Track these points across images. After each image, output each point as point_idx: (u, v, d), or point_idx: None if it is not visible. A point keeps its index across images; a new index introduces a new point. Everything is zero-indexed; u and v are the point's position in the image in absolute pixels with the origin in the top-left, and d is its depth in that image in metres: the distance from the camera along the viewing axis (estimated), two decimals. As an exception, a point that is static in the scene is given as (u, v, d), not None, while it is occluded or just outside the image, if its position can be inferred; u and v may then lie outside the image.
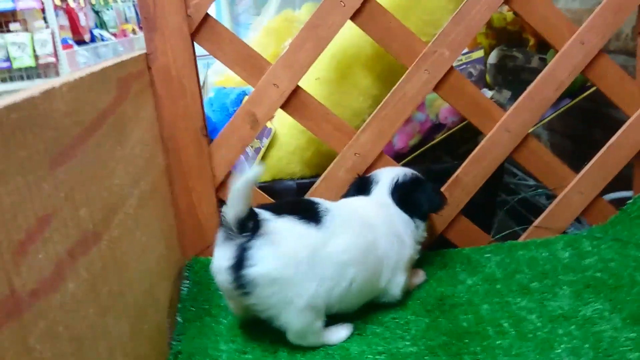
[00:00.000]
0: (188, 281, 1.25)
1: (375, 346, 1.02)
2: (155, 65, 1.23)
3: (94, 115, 0.83)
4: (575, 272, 1.21)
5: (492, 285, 1.19)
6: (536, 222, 1.43)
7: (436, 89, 1.33)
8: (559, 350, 0.96)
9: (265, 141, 1.56)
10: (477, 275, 1.24)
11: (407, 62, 1.31)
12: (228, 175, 1.33)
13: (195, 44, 1.26)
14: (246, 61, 1.28)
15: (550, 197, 1.44)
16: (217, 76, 2.19)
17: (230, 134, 1.31)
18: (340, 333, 1.06)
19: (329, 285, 1.00)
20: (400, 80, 1.31)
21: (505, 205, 1.82)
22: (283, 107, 1.30)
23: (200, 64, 1.31)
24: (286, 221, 1.00)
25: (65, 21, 5.59)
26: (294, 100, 1.30)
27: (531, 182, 2.11)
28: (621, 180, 1.43)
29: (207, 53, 1.29)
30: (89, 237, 0.72)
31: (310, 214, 1.03)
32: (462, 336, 1.03)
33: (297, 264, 0.97)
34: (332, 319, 1.06)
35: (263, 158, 1.57)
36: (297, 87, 1.30)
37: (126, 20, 7.38)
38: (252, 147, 1.60)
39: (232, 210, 0.94)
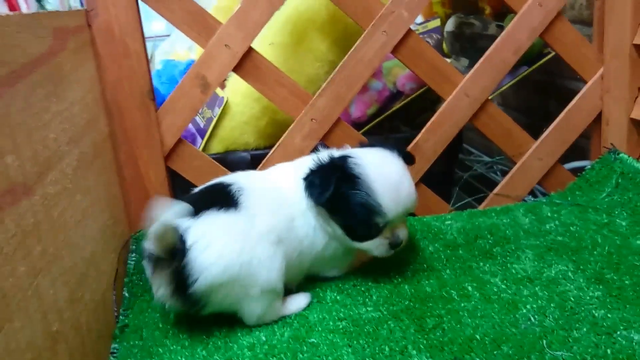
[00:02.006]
0: (134, 254, 1.17)
1: (335, 313, 0.97)
2: (96, 23, 1.15)
3: (24, 60, 0.75)
4: (536, 236, 1.19)
5: (453, 251, 1.16)
6: (496, 189, 1.41)
7: (394, 51, 1.28)
8: (524, 311, 0.93)
9: (218, 110, 1.49)
10: (438, 242, 1.21)
11: (364, 24, 1.26)
12: (178, 142, 1.26)
13: (139, 2, 1.18)
14: (195, 20, 1.20)
15: (506, 173, 1.42)
16: (165, 56, 2.11)
17: (179, 98, 1.23)
18: (299, 302, 1.01)
19: (273, 264, 0.94)
20: (357, 42, 1.26)
21: (460, 181, 1.81)
22: (235, 69, 1.24)
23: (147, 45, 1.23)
24: (206, 219, 0.91)
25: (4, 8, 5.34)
26: (246, 63, 1.24)
27: (486, 158, 2.11)
28: (579, 152, 1.43)
29: (155, 35, 1.21)
30: (17, 188, 0.65)
31: (226, 200, 0.94)
32: (426, 300, 0.99)
33: (237, 256, 0.89)
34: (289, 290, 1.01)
35: (215, 128, 1.50)
36: (250, 49, 1.23)
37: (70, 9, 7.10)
38: (204, 117, 1.53)
39: (158, 248, 0.86)
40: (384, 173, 0.96)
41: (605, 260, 1.06)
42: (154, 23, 3.19)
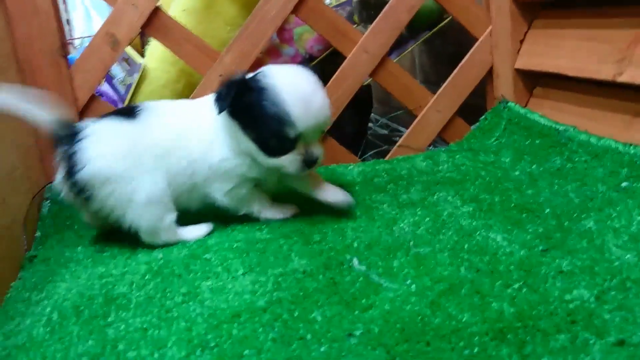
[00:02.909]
0: (49, 201, 1.22)
1: (233, 236, 1.05)
2: (5, -19, 1.21)
3: None
4: (428, 174, 1.29)
5: (350, 188, 1.25)
6: (400, 141, 1.51)
7: (295, 11, 1.37)
8: (402, 225, 1.03)
9: (136, 76, 1.55)
10: (338, 181, 1.30)
11: (265, -16, 1.35)
12: (91, 99, 1.32)
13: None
14: (103, -20, 1.28)
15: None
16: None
17: (91, 55, 1.30)
18: (199, 231, 1.08)
19: (160, 177, 1.00)
20: (259, 2, 1.35)
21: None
22: (144, 27, 1.31)
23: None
24: (104, 122, 1.02)
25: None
26: (154, 21, 1.31)
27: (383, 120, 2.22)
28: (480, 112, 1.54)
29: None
30: None
31: (129, 113, 1.03)
32: (315, 224, 1.07)
33: (122, 157, 0.98)
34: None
35: (135, 94, 1.57)
36: (157, 8, 1.31)
37: None
38: (124, 84, 1.59)
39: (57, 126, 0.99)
40: (294, 84, 0.96)
41: (484, 188, 1.17)
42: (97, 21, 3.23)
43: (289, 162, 0.99)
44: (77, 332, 0.77)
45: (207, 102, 1.03)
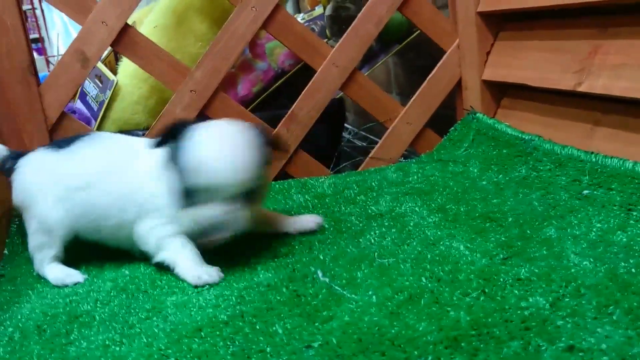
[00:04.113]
0: (17, 219, 1.22)
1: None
2: (-27, 1, 1.21)
3: None
4: (398, 185, 1.31)
5: (320, 200, 1.26)
6: (371, 153, 1.53)
7: (265, 26, 1.39)
8: (368, 237, 1.04)
9: (109, 93, 1.56)
10: (309, 194, 1.31)
11: (234, 1, 1.37)
12: (62, 116, 1.32)
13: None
14: (71, -1, 1.29)
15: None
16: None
17: (61, 73, 1.30)
18: (68, 277, 1.03)
19: (56, 206, 1.02)
20: (229, 18, 1.36)
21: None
22: (113, 44, 1.32)
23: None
24: (36, 153, 1.09)
25: None
26: (124, 38, 1.32)
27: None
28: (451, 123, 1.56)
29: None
30: None
31: (67, 142, 1.07)
32: (283, 238, 1.08)
33: (34, 184, 1.05)
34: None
35: (107, 110, 1.57)
36: (127, 25, 1.32)
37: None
38: (97, 101, 1.60)
39: None
40: (219, 141, 0.91)
41: (451, 198, 1.19)
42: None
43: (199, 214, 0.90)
44: (38, 352, 0.77)
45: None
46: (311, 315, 0.78)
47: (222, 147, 0.90)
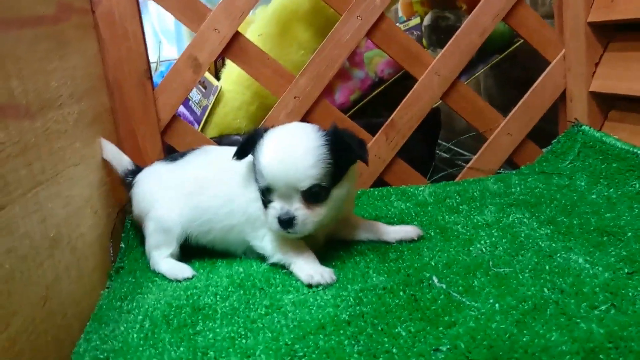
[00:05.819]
0: (131, 215, 1.28)
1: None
2: (100, 9, 1.29)
3: (29, 14, 0.88)
4: (501, 197, 1.29)
5: (422, 208, 1.26)
6: (470, 163, 1.51)
7: (369, 35, 1.41)
8: (479, 245, 1.03)
9: (212, 98, 1.62)
10: (410, 201, 1.31)
11: (340, 10, 1.39)
12: (173, 119, 1.38)
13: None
14: (187, 7, 1.34)
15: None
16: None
17: (174, 77, 1.36)
18: (181, 270, 1.07)
19: (172, 207, 1.08)
20: (335, 26, 1.39)
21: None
22: (224, 52, 1.37)
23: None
24: (154, 165, 1.18)
25: None
26: (234, 46, 1.37)
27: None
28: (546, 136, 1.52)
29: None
30: (20, 107, 0.77)
31: (180, 155, 1.17)
32: (390, 243, 1.09)
33: (155, 184, 1.13)
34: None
35: (210, 115, 1.63)
36: (237, 33, 1.36)
37: None
38: (200, 106, 1.66)
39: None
40: (277, 141, 0.96)
41: (560, 210, 1.16)
42: (167, 48, 3.40)
43: (267, 216, 0.97)
44: (169, 340, 0.81)
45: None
46: (432, 319, 0.78)
47: (277, 147, 0.96)
